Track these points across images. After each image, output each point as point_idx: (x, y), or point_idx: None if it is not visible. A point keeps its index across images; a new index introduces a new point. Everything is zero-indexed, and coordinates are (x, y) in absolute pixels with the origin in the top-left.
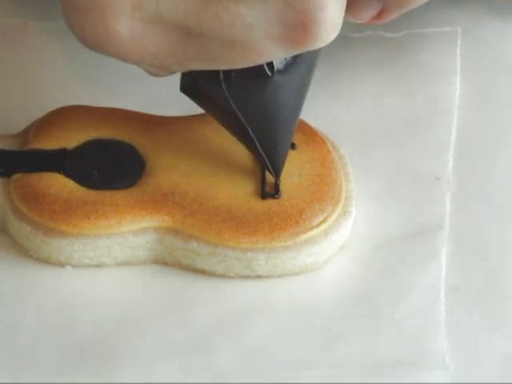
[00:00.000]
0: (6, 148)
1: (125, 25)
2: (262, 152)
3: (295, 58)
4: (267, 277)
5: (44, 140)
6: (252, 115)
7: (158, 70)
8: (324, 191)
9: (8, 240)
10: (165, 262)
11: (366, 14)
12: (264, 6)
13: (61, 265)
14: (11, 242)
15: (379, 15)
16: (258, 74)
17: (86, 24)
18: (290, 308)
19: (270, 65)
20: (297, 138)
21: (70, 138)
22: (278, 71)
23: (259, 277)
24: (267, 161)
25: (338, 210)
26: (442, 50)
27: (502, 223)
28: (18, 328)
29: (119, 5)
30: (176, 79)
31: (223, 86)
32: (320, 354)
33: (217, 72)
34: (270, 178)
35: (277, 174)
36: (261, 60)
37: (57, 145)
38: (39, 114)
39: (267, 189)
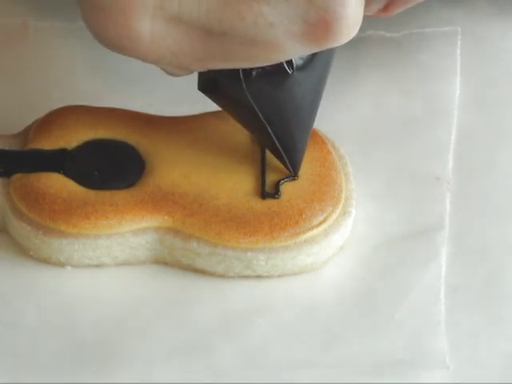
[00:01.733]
0: (6, 148)
1: (147, 25)
2: (280, 149)
3: (313, 55)
4: (267, 277)
5: (44, 140)
6: (271, 112)
7: (176, 69)
8: (324, 191)
9: (8, 240)
10: (165, 261)
11: (374, 7)
12: (286, 4)
13: (61, 265)
14: (11, 242)
15: (386, 8)
16: (278, 72)
17: (108, 25)
18: (289, 308)
19: (290, 62)
20: None
21: (70, 138)
22: (297, 68)
23: (259, 277)
24: (286, 158)
25: (338, 210)
26: (441, 49)
27: (501, 223)
28: (17, 328)
29: (141, 6)
30: (176, 80)
31: (243, 85)
32: (320, 354)
33: (236, 71)
34: (270, 177)
35: (295, 170)
36: (282, 58)
37: (57, 145)
38: (39, 114)
39: (267, 189)
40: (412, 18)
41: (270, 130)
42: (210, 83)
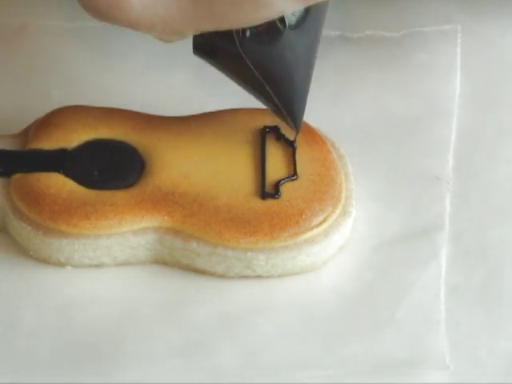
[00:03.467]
0: (6, 148)
1: None
2: (280, 106)
3: (306, 14)
4: (267, 277)
5: (44, 140)
6: (267, 71)
7: (168, 35)
8: (324, 191)
9: (8, 240)
10: (165, 262)
11: None
12: None
13: (61, 265)
14: (11, 242)
15: None
16: (271, 30)
17: None
18: (290, 308)
19: (282, 20)
20: (297, 138)
21: (70, 138)
22: (290, 26)
23: (259, 277)
24: (286, 115)
25: (338, 210)
26: (442, 48)
27: (502, 223)
28: (17, 328)
29: None
30: (176, 80)
31: (238, 44)
32: (320, 354)
33: (230, 32)
34: (270, 177)
35: (297, 127)
36: (273, 15)
37: (57, 145)
38: (39, 114)
39: (267, 189)
40: (412, 16)
41: (268, 89)
42: (205, 46)
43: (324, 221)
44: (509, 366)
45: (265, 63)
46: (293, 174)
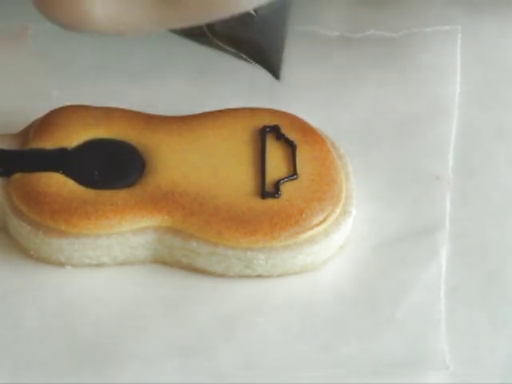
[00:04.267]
0: (6, 148)
1: (98, 8)
2: (257, 63)
3: None
4: (267, 276)
5: (44, 140)
6: (241, 46)
7: (135, 34)
8: (324, 191)
9: (8, 240)
10: (165, 261)
11: None
12: None
13: (61, 265)
14: (11, 242)
15: None
16: (242, 17)
17: (59, 10)
18: (290, 307)
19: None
20: (297, 138)
21: (70, 138)
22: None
23: (259, 276)
24: (263, 65)
25: (338, 210)
26: (442, 48)
27: (502, 223)
28: (18, 328)
29: None
30: (176, 80)
31: (209, 36)
32: (320, 354)
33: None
34: (270, 177)
35: (276, 74)
36: (240, 9)
37: (57, 145)
38: (39, 114)
39: (267, 188)
40: (412, 17)
41: (244, 56)
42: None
43: (324, 220)
44: (509, 366)
45: (238, 42)
46: (293, 174)
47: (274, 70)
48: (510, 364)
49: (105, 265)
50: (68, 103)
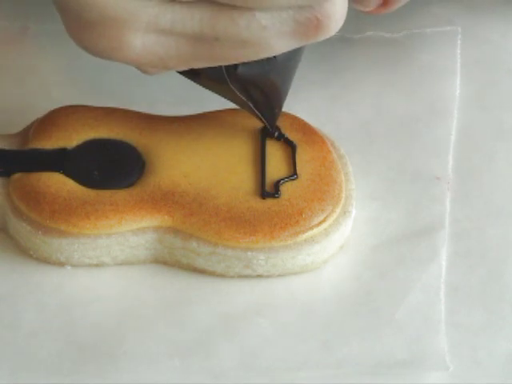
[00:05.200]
0: (6, 148)
1: (139, 38)
2: (259, 115)
3: None
4: (267, 276)
5: (44, 140)
6: (253, 93)
7: (157, 70)
8: (324, 191)
9: (8, 240)
10: (165, 261)
11: (372, 2)
12: (278, 6)
13: (61, 265)
14: (11, 242)
15: (385, 3)
16: (262, 61)
17: (101, 39)
18: (290, 307)
19: None
20: (297, 138)
21: (70, 138)
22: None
23: (259, 276)
24: (264, 121)
25: (338, 210)
26: (442, 49)
27: (502, 223)
28: (17, 328)
29: (135, 21)
30: (176, 80)
31: (225, 76)
32: (320, 354)
33: (220, 69)
34: (270, 177)
35: (272, 129)
36: (270, 55)
37: (57, 144)
38: (39, 113)
39: (267, 188)
40: (412, 17)
41: (251, 105)
42: (191, 71)
43: (324, 220)
44: (509, 366)
45: (251, 88)
46: (293, 174)
47: (272, 122)
48: (510, 364)
49: (105, 265)
50: (68, 103)
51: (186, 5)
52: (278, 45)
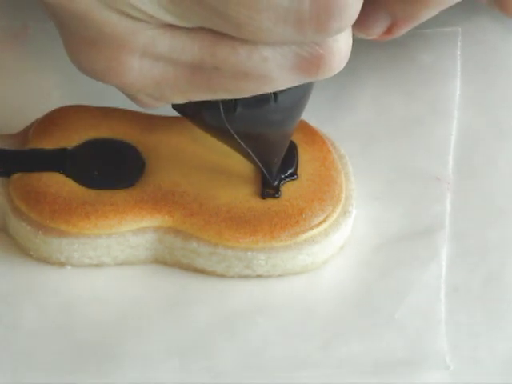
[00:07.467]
0: (6, 148)
1: (136, 60)
2: (258, 162)
3: None
4: (267, 276)
5: (44, 140)
6: (250, 136)
7: (154, 100)
8: (324, 191)
9: (8, 240)
10: (165, 261)
11: (376, 30)
12: (281, 39)
13: (61, 265)
14: (11, 242)
15: (389, 30)
16: (261, 101)
17: (98, 58)
18: (290, 308)
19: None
20: (297, 138)
21: (70, 138)
22: (280, 93)
23: (259, 276)
24: (263, 169)
25: (338, 210)
26: (442, 50)
27: (502, 223)
28: (18, 328)
29: (133, 43)
30: None
31: (223, 118)
32: (320, 354)
33: (216, 103)
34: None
35: (272, 179)
36: (271, 90)
37: (57, 145)
38: (39, 114)
39: (267, 188)
40: None
41: (249, 151)
42: (186, 108)
43: (324, 220)
44: (509, 366)
45: (248, 130)
46: (293, 174)
47: (271, 172)
48: (510, 364)
49: (105, 265)
50: (68, 103)
51: (186, 31)
52: (280, 79)
